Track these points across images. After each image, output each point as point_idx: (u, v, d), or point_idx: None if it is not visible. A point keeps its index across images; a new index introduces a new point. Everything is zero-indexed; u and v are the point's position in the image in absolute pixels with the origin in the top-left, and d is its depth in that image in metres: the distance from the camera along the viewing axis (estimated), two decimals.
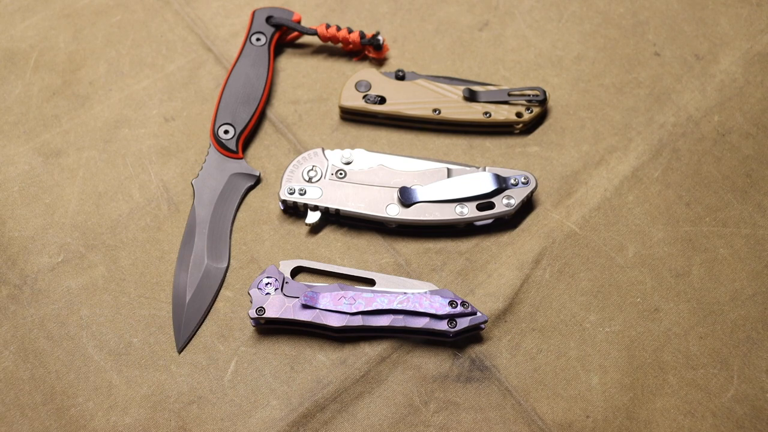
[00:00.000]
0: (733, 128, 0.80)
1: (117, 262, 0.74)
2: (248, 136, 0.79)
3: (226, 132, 0.78)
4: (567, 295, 0.73)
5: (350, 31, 0.82)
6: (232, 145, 0.78)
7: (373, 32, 0.83)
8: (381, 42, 0.82)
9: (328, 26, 0.82)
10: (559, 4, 0.87)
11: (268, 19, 0.82)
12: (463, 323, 0.69)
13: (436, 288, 0.72)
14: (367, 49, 0.83)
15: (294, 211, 0.77)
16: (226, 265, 0.74)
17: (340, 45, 0.84)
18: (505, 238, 0.76)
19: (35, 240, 0.75)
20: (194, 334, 0.72)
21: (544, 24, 0.85)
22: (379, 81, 0.80)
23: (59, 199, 0.77)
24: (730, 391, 0.70)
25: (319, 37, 0.82)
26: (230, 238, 0.76)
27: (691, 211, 0.77)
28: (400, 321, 0.70)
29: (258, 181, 0.78)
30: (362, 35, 0.82)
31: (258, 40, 0.82)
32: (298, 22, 0.83)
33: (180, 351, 0.71)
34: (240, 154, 0.78)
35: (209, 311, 0.73)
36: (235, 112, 0.79)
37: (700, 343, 0.71)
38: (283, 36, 0.84)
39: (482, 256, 0.75)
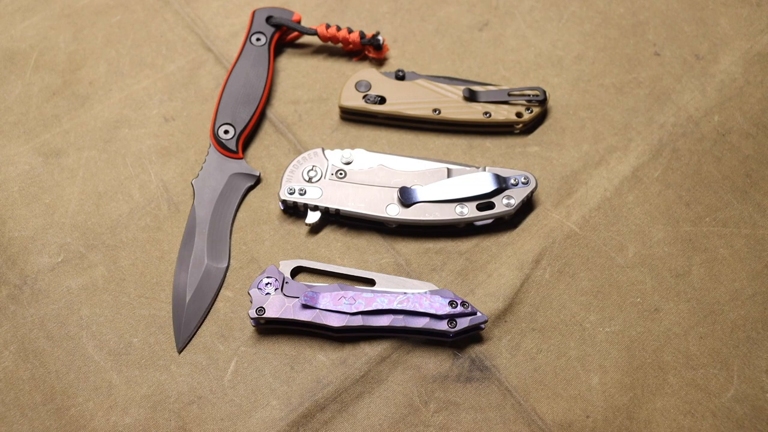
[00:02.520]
0: (733, 128, 0.80)
1: (117, 262, 0.74)
2: (248, 136, 0.79)
3: (226, 132, 0.78)
4: (567, 295, 0.73)
5: (350, 31, 0.82)
6: (232, 145, 0.78)
7: (373, 32, 0.83)
8: (381, 42, 0.82)
9: (328, 26, 0.82)
10: (559, 4, 0.87)
11: (268, 19, 0.82)
12: (463, 323, 0.69)
13: (436, 288, 0.72)
14: (367, 49, 0.83)
15: (294, 211, 0.76)
16: (226, 265, 0.74)
17: (340, 45, 0.84)
18: (505, 238, 0.75)
19: (35, 240, 0.75)
20: (194, 334, 0.72)
21: (544, 24, 0.85)
22: (379, 81, 0.80)
23: (59, 199, 0.77)
24: (730, 391, 0.70)
25: (319, 37, 0.82)
26: (230, 238, 0.75)
27: (691, 211, 0.76)
28: (400, 321, 0.70)
29: (258, 181, 0.78)
30: (362, 35, 0.82)
31: (258, 40, 0.82)
32: (298, 22, 0.83)
33: (180, 351, 0.71)
34: (240, 154, 0.78)
35: (209, 311, 0.73)
36: (235, 112, 0.79)
37: (700, 343, 0.71)
38: (283, 36, 0.84)
39: (482, 256, 0.75)
